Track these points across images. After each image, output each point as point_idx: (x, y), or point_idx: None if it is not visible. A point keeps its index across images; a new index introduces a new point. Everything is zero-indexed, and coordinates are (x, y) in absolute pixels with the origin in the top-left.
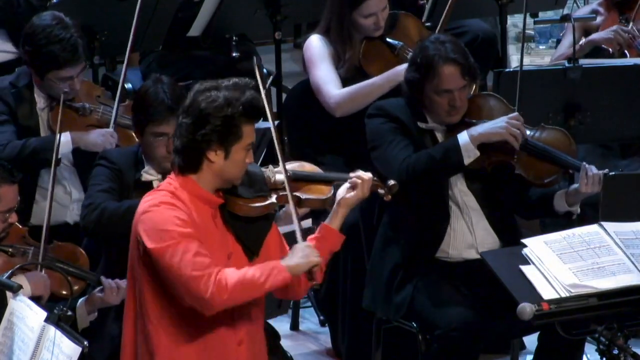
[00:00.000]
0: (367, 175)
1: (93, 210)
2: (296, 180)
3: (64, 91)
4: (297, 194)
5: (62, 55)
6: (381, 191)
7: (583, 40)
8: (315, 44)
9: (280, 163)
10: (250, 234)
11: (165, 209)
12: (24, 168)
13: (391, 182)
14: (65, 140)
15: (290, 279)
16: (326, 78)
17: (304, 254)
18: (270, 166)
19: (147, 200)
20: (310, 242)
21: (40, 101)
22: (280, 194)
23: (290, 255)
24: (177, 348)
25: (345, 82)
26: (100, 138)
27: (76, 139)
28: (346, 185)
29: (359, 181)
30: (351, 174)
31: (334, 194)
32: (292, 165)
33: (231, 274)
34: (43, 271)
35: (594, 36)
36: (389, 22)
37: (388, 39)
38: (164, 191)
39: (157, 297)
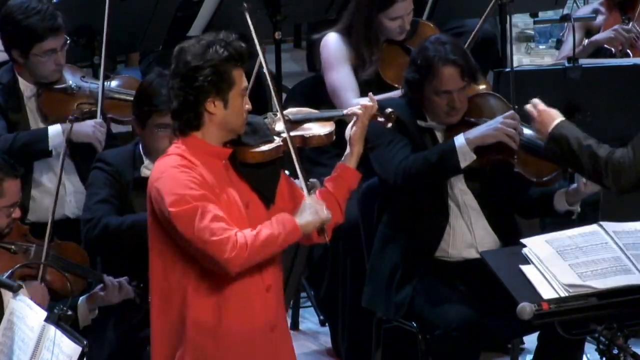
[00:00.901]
0: (365, 105)
1: (94, 227)
2: (296, 122)
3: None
4: (301, 133)
5: (42, 25)
6: (381, 119)
7: (586, 42)
8: (334, 44)
9: (277, 107)
10: (262, 180)
11: (176, 173)
12: (16, 161)
13: (389, 109)
14: (56, 132)
15: (301, 236)
16: (344, 83)
17: (313, 210)
18: (270, 114)
19: (157, 166)
20: (319, 197)
21: (26, 90)
22: (284, 136)
23: (301, 213)
24: (205, 299)
25: (365, 84)
26: (91, 129)
27: (67, 130)
28: (351, 122)
29: (359, 112)
30: (345, 111)
31: (335, 131)
32: (290, 110)
33: (248, 234)
34: (42, 279)
35: (597, 37)
36: (409, 29)
37: (408, 46)
38: (172, 155)
39: (181, 253)
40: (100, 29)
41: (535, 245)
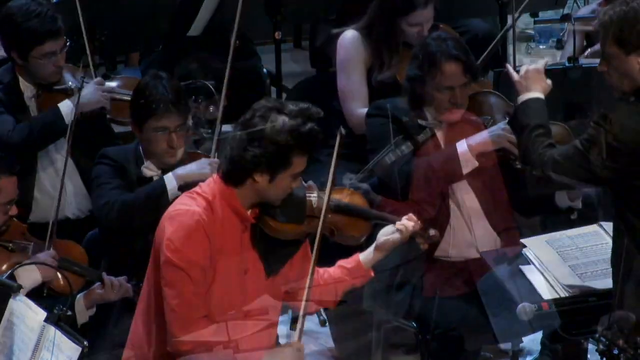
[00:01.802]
0: (414, 222)
1: (112, 207)
2: (337, 211)
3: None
4: (335, 226)
5: (41, 29)
6: (419, 240)
7: (588, 51)
8: (351, 44)
9: (327, 191)
10: (275, 254)
11: (194, 227)
12: (35, 147)
13: (432, 231)
14: (68, 108)
15: None
16: (354, 91)
17: None
18: (319, 193)
19: (183, 203)
20: (299, 344)
21: (27, 90)
22: (316, 222)
23: (276, 355)
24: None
25: (381, 85)
26: (94, 94)
27: (75, 100)
28: (390, 228)
29: (405, 228)
30: (397, 223)
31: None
32: (340, 195)
33: (207, 337)
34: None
35: (597, 47)
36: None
37: None
38: (201, 198)
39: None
40: (100, 29)
41: (536, 245)
